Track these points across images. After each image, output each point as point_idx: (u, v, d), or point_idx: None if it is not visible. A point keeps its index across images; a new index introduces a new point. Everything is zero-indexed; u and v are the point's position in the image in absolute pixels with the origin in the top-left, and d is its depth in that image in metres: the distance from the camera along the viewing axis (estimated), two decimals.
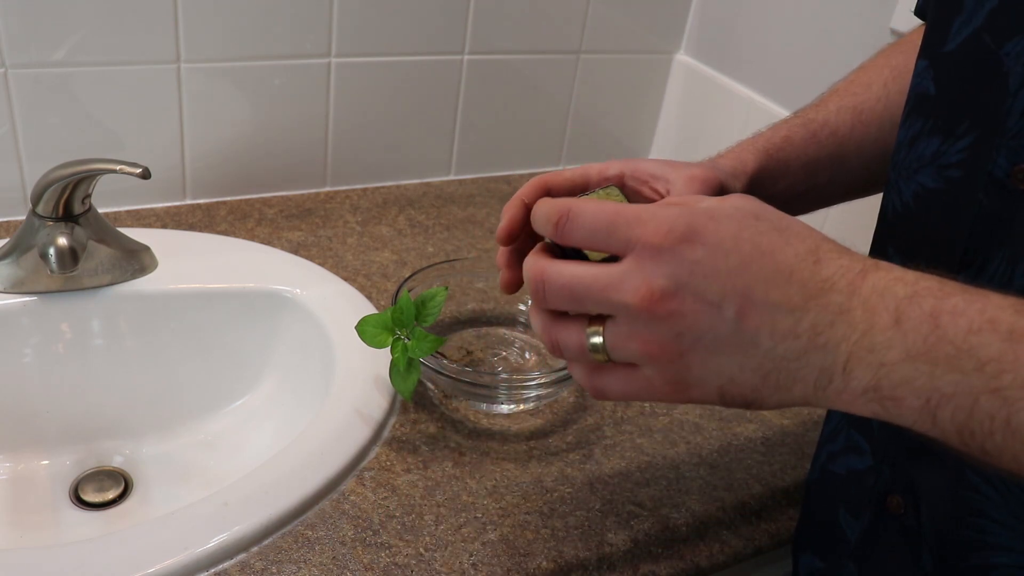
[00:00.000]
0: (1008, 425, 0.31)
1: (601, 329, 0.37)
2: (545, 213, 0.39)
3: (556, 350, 0.39)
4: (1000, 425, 0.32)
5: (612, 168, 0.53)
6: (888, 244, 0.52)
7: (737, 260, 0.35)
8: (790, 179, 0.58)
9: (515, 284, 0.50)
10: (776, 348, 0.35)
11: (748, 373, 0.36)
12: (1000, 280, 0.42)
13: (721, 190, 0.52)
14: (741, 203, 0.38)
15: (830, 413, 0.59)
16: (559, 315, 0.39)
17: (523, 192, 0.49)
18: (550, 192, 0.50)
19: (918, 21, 0.60)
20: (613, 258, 0.38)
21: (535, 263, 0.38)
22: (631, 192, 0.53)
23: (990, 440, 0.32)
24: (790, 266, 0.35)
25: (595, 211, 0.37)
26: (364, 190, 1.01)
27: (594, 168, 0.52)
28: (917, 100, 0.50)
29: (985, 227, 0.43)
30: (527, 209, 0.48)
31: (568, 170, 0.52)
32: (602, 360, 0.38)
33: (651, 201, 0.52)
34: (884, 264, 0.35)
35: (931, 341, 0.32)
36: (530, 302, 0.41)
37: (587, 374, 0.38)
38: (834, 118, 0.60)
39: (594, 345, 0.37)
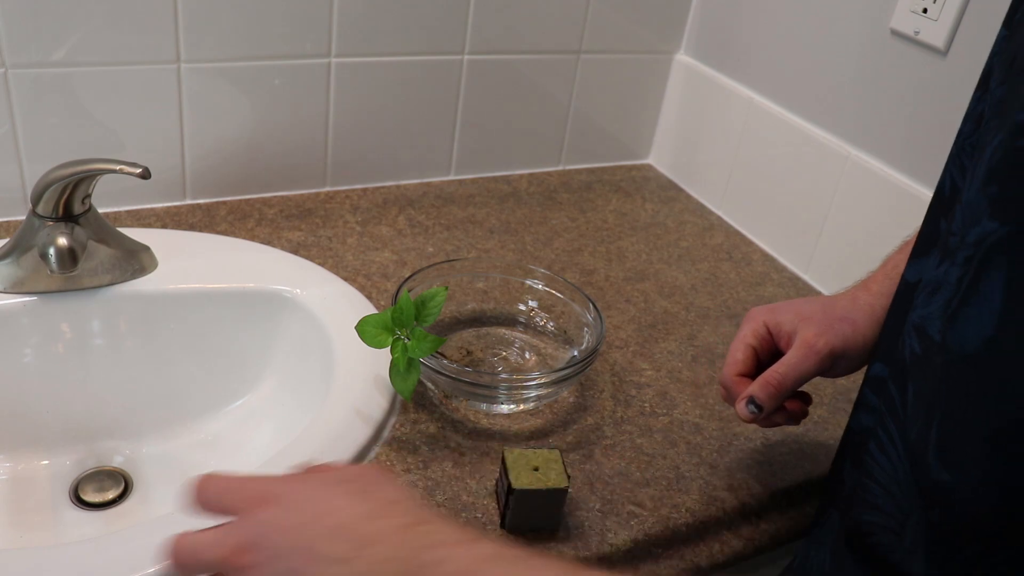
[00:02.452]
0: None
1: None
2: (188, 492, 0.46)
3: None
4: None
5: (758, 324, 0.63)
6: (941, 218, 0.51)
7: (300, 518, 0.41)
8: None
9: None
10: None
11: None
12: None
13: (833, 355, 0.60)
14: (339, 474, 0.45)
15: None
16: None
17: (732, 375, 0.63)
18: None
19: (917, 21, 0.59)
20: None
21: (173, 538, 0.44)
22: (773, 346, 0.64)
23: None
24: (345, 524, 0.41)
25: (207, 490, 0.45)
26: (364, 190, 1.01)
27: (745, 330, 0.64)
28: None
29: None
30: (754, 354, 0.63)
31: (736, 350, 0.63)
32: None
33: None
34: (424, 517, 0.41)
35: None
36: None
37: None
38: None
39: None
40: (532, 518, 0.59)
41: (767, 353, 0.63)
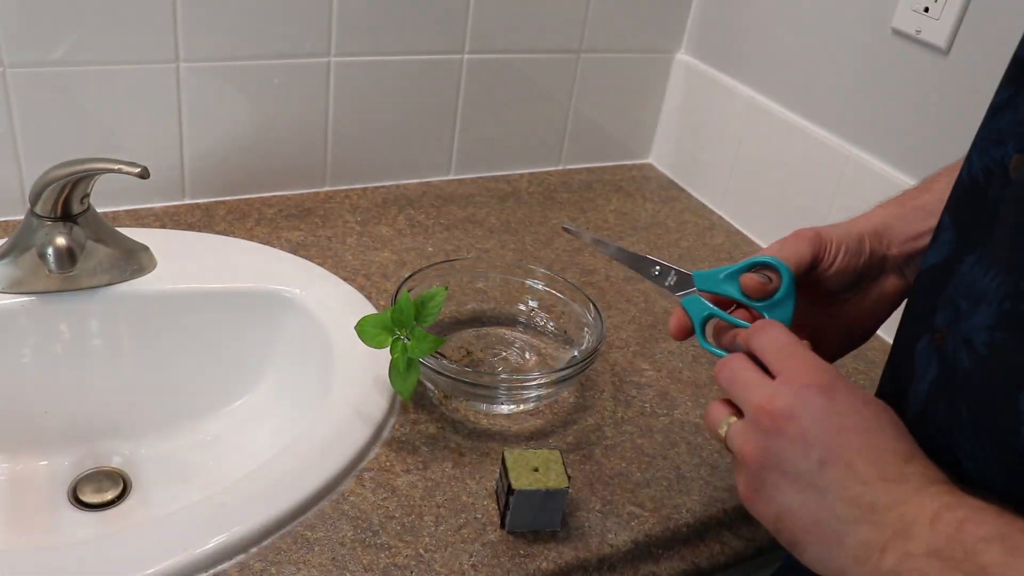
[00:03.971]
0: None
1: (733, 420, 0.46)
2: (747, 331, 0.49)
3: (708, 416, 0.49)
4: None
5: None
6: (947, 214, 0.48)
7: (844, 422, 0.41)
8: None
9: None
10: (836, 505, 0.40)
11: (804, 512, 0.41)
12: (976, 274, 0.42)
13: (820, 238, 0.54)
14: (875, 401, 0.44)
15: None
16: (729, 402, 0.48)
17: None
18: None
19: (918, 20, 0.58)
20: None
21: (733, 354, 0.48)
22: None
23: None
24: (883, 450, 0.40)
25: (776, 335, 0.47)
26: (364, 190, 1.00)
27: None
28: (1015, 66, 0.45)
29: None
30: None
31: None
32: (722, 440, 0.47)
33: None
34: (947, 489, 0.39)
35: (950, 542, 0.36)
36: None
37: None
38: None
39: (724, 427, 0.46)
40: (532, 519, 0.59)
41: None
